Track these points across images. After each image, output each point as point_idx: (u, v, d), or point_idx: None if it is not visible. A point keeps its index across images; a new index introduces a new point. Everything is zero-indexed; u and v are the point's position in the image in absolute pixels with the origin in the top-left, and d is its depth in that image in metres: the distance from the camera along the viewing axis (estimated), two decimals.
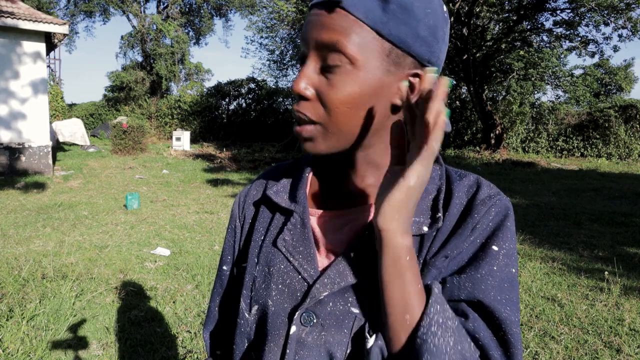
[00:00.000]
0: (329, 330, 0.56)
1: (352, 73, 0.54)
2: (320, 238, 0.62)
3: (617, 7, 12.82)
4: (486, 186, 0.60)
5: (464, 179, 0.62)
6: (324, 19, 0.55)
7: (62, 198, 7.33)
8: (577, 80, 19.04)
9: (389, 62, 0.55)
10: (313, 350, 0.56)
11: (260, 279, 0.63)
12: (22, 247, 4.64)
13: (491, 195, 0.59)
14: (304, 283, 0.59)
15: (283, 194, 0.66)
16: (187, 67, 25.73)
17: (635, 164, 14.81)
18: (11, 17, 8.90)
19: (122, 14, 26.36)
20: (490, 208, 0.57)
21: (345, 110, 0.55)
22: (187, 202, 7.32)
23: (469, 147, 17.22)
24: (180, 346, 2.82)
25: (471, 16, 14.71)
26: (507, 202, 0.59)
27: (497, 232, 0.56)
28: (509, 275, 0.55)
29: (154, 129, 20.81)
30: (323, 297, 0.57)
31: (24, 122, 9.68)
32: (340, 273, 0.56)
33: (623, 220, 6.22)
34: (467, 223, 0.57)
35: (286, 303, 0.60)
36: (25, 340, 2.75)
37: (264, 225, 0.67)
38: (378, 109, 0.57)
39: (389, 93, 0.56)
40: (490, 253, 0.55)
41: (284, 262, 0.61)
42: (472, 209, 0.57)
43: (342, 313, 0.56)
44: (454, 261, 0.56)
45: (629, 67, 26.65)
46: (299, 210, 0.63)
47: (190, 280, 3.89)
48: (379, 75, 0.55)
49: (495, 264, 0.55)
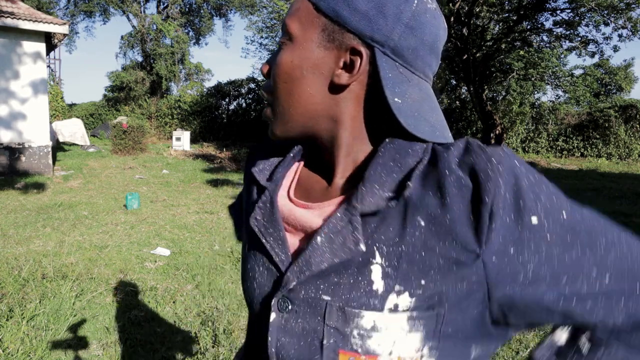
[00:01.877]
0: (305, 317, 0.54)
1: (289, 48, 0.56)
2: (296, 220, 0.58)
3: (617, 7, 12.82)
4: (479, 150, 0.50)
5: (451, 149, 0.52)
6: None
7: (62, 198, 7.33)
8: (577, 80, 19.04)
9: (323, 37, 0.54)
10: (293, 337, 0.55)
11: (248, 258, 0.64)
12: (22, 247, 4.64)
13: (489, 158, 0.49)
14: (277, 269, 0.58)
15: (266, 172, 0.65)
16: (187, 67, 25.72)
17: (635, 164, 14.81)
18: (11, 17, 8.90)
19: (122, 14, 26.36)
20: (498, 179, 0.48)
21: (283, 85, 0.56)
22: (187, 202, 7.32)
23: None
24: (180, 346, 2.82)
25: (471, 16, 14.72)
26: (508, 160, 0.49)
27: (520, 203, 0.48)
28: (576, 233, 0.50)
29: (154, 129, 20.80)
30: (293, 286, 0.55)
31: (24, 122, 9.67)
32: (306, 261, 0.54)
33: (623, 220, 6.22)
34: (483, 210, 0.48)
35: (266, 286, 0.59)
36: (25, 340, 2.75)
37: (246, 200, 0.69)
38: (316, 85, 0.55)
39: (325, 69, 0.55)
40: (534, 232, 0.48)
41: (259, 243, 0.60)
42: (480, 189, 0.48)
43: (314, 300, 0.54)
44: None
45: (629, 67, 26.64)
46: (271, 188, 0.62)
47: (190, 280, 3.89)
48: (313, 49, 0.55)
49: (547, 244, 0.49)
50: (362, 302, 0.51)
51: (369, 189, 0.52)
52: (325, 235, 0.53)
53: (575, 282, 0.50)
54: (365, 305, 0.51)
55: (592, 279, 0.50)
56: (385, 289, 0.51)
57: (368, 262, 0.52)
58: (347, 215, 0.52)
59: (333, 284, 0.53)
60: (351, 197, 0.53)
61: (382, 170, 0.53)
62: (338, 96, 0.56)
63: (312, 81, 0.55)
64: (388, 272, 0.51)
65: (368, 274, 0.51)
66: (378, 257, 0.51)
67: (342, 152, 0.58)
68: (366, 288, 0.51)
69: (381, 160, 0.53)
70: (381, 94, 0.53)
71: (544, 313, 0.51)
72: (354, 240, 0.51)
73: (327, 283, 0.53)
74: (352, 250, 0.51)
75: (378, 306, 0.51)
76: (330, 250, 0.52)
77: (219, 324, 3.01)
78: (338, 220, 0.53)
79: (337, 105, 0.56)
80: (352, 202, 0.52)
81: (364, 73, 0.54)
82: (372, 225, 0.52)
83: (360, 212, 0.52)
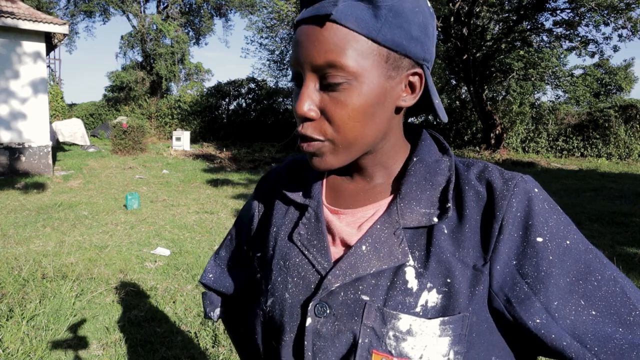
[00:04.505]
0: (342, 319, 0.57)
1: (355, 87, 0.54)
2: (334, 230, 0.62)
3: (617, 7, 12.83)
4: (497, 171, 0.59)
5: (472, 168, 0.61)
6: (315, 36, 0.53)
7: (62, 198, 7.33)
8: (577, 80, 19.06)
9: (388, 68, 0.55)
10: (328, 340, 0.57)
11: (276, 272, 0.64)
12: (22, 247, 4.64)
13: (506, 180, 0.57)
14: (317, 275, 0.60)
15: (298, 190, 0.68)
16: (187, 67, 25.73)
17: (635, 164, 14.81)
18: (11, 17, 8.90)
19: (122, 14, 26.38)
20: (511, 199, 0.55)
21: (354, 124, 0.55)
22: (187, 202, 7.32)
23: (469, 147, 17.23)
24: (180, 346, 2.82)
25: (471, 16, 14.72)
26: (524, 184, 0.56)
27: (529, 222, 0.54)
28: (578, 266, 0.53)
29: (154, 129, 20.80)
30: (335, 288, 0.58)
31: (24, 122, 9.68)
32: (352, 265, 0.57)
33: (623, 220, 6.22)
34: (494, 223, 0.55)
35: (301, 295, 0.61)
36: (25, 340, 2.75)
37: (279, 219, 0.69)
38: (384, 115, 0.57)
39: (392, 97, 0.57)
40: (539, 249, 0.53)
41: (300, 256, 0.63)
42: (494, 204, 0.55)
43: (353, 301, 0.57)
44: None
45: (629, 67, 26.63)
46: (313, 205, 0.65)
47: (190, 280, 3.89)
48: (381, 83, 0.55)
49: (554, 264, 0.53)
50: (398, 300, 0.55)
51: (407, 206, 0.59)
52: (370, 245, 0.58)
53: (564, 308, 0.52)
54: (402, 304, 0.55)
55: (580, 309, 0.52)
56: (419, 287, 0.55)
57: (403, 264, 0.57)
58: (389, 228, 0.58)
59: (372, 286, 0.57)
60: (390, 210, 0.60)
61: (417, 189, 0.60)
62: (396, 115, 0.60)
63: (382, 112, 0.57)
64: (421, 272, 0.56)
65: (403, 275, 0.56)
66: (411, 260, 0.57)
67: (377, 159, 0.63)
68: (402, 287, 0.56)
69: (414, 179, 0.60)
70: (426, 100, 0.61)
71: (532, 334, 0.53)
72: (402, 251, 0.57)
73: (366, 284, 0.57)
74: (399, 259, 0.57)
75: (413, 303, 0.55)
76: (377, 257, 0.57)
77: (219, 324, 3.01)
78: (381, 232, 0.59)
79: (391, 123, 0.60)
80: (392, 215, 0.59)
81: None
82: (407, 235, 0.58)
83: (403, 226, 0.58)
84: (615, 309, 0.52)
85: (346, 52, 0.52)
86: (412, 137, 0.67)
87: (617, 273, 0.54)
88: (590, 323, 0.51)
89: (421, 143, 0.63)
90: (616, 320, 0.52)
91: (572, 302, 0.52)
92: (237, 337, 0.87)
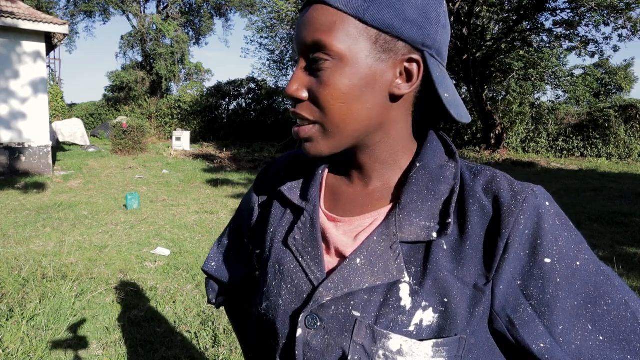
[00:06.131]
0: (332, 333, 0.55)
1: (340, 67, 0.52)
2: (330, 239, 0.60)
3: (617, 7, 12.82)
4: (506, 182, 0.55)
5: (479, 177, 0.56)
6: (307, 19, 0.54)
7: (62, 198, 7.33)
8: (577, 80, 19.05)
9: (377, 50, 0.52)
10: (318, 353, 0.56)
11: (272, 275, 0.63)
12: (22, 247, 4.64)
13: (515, 193, 0.53)
14: (310, 285, 0.58)
15: (296, 190, 0.65)
16: (187, 67, 25.72)
17: (635, 164, 14.81)
18: (11, 17, 8.90)
19: (122, 14, 26.37)
20: (519, 215, 0.51)
21: (340, 105, 0.53)
22: (187, 202, 7.32)
23: (469, 147, 17.22)
24: (180, 346, 2.82)
25: (471, 16, 14.71)
26: (534, 199, 0.52)
27: (538, 242, 0.51)
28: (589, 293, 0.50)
29: (154, 129, 20.80)
30: (325, 302, 0.56)
31: (24, 122, 9.68)
32: (344, 279, 0.55)
33: (623, 220, 6.22)
34: (499, 241, 0.52)
35: (293, 304, 0.59)
36: (25, 340, 2.75)
37: (276, 220, 0.67)
38: (375, 100, 0.54)
39: (384, 82, 0.54)
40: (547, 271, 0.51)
41: (294, 262, 0.61)
42: (500, 221, 0.52)
43: (344, 316, 0.55)
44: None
45: (629, 67, 26.63)
46: (309, 209, 0.62)
47: (190, 280, 3.89)
48: (369, 64, 0.53)
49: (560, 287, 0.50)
50: (390, 318, 0.53)
51: (406, 218, 0.55)
52: (365, 258, 0.55)
53: (570, 332, 0.50)
54: (394, 322, 0.52)
55: (586, 334, 0.49)
56: (413, 305, 0.53)
57: (398, 281, 0.54)
58: (385, 241, 0.55)
59: (364, 301, 0.54)
60: (388, 221, 0.56)
61: (417, 199, 0.56)
62: (393, 105, 0.56)
63: (371, 97, 0.54)
64: (416, 290, 0.53)
65: (397, 292, 0.53)
66: (407, 277, 0.54)
67: (375, 156, 0.59)
68: (395, 304, 0.53)
69: (415, 188, 0.56)
70: (432, 93, 0.56)
71: (535, 358, 0.51)
72: (398, 267, 0.54)
73: (358, 299, 0.55)
74: (394, 275, 0.54)
75: (406, 322, 0.52)
76: (372, 272, 0.55)
77: (219, 324, 3.01)
78: (377, 245, 0.55)
79: (389, 114, 0.57)
80: (389, 227, 0.56)
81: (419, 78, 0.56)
82: (404, 249, 0.55)
83: (400, 240, 0.55)
84: (624, 335, 0.49)
85: (332, 32, 0.52)
86: (420, 137, 0.63)
87: (630, 296, 0.51)
88: (597, 349, 0.49)
89: (426, 145, 0.60)
90: (625, 347, 0.49)
91: (579, 327, 0.50)
92: (238, 324, 0.87)
